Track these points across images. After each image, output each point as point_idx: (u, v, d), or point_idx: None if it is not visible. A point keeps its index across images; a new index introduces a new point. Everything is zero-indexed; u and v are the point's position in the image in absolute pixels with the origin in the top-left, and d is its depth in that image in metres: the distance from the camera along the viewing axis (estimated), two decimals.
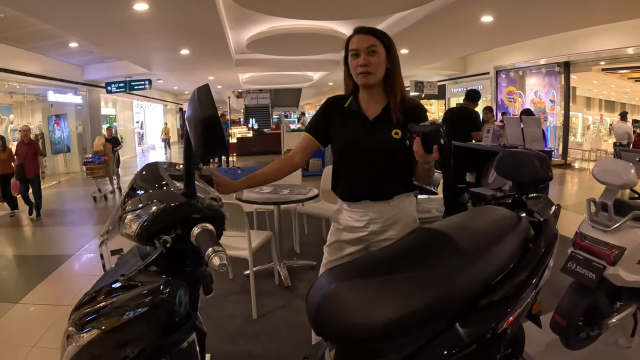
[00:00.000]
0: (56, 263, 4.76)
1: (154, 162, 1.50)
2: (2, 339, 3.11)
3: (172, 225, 1.19)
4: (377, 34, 1.76)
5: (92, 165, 8.79)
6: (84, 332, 1.13)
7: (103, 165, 8.81)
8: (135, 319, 1.14)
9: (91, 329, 1.13)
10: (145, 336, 1.14)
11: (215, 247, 1.07)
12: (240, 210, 3.14)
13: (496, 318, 1.33)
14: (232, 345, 2.85)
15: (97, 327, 1.13)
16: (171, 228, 1.19)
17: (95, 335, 1.12)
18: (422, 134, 1.46)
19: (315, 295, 1.26)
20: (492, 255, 1.37)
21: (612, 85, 13.67)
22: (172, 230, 1.19)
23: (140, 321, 1.14)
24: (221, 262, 1.05)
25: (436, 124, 1.45)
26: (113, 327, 1.13)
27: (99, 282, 1.29)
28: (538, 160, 1.72)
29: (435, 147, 1.44)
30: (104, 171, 8.88)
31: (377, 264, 1.37)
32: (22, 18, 7.37)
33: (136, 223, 1.19)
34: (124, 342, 1.14)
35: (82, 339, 1.13)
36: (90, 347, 1.13)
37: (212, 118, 1.08)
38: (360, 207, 1.86)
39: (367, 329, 1.19)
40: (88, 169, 8.85)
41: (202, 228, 1.15)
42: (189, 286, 1.28)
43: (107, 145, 9.32)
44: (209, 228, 1.17)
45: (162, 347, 1.18)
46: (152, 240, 1.18)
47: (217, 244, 1.10)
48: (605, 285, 2.27)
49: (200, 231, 1.14)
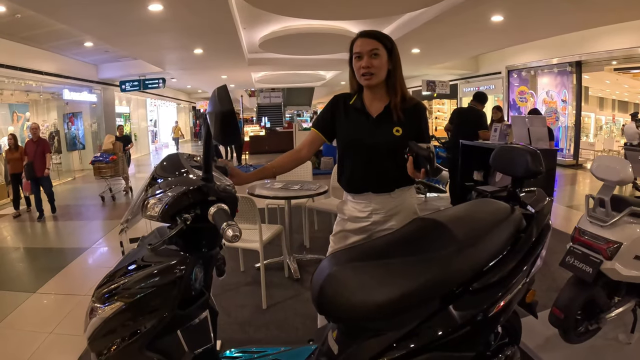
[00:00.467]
0: (72, 256, 4.94)
1: (174, 153, 1.64)
2: (21, 326, 3.25)
3: (192, 206, 1.34)
4: (379, 37, 1.88)
5: (99, 164, 8.41)
6: (106, 305, 1.27)
7: (111, 164, 8.41)
8: (156, 291, 1.28)
9: (114, 302, 1.27)
10: (165, 306, 1.28)
11: (229, 222, 1.22)
12: (252, 204, 3.26)
13: (487, 301, 1.43)
14: (242, 333, 2.98)
15: (120, 300, 1.27)
16: (191, 208, 1.34)
17: (118, 307, 1.26)
18: (415, 155, 1.61)
19: (319, 277, 1.38)
20: (484, 242, 1.47)
21: (625, 86, 13.54)
22: (192, 210, 1.33)
23: (160, 293, 1.28)
24: (234, 234, 1.19)
25: (429, 150, 1.59)
26: (135, 299, 1.27)
27: (121, 262, 1.42)
28: (530, 155, 1.81)
29: (422, 170, 1.59)
30: (112, 171, 8.47)
31: (377, 250, 1.49)
32: (38, 18, 7.55)
33: (160, 204, 1.33)
34: (145, 312, 1.27)
35: (105, 311, 1.27)
36: (113, 318, 1.26)
37: (229, 112, 1.24)
38: (364, 199, 1.99)
39: (365, 308, 1.30)
40: (95, 169, 8.47)
41: (218, 207, 1.30)
42: (204, 266, 1.42)
43: (117, 144, 9.01)
44: (224, 207, 1.32)
45: (178, 318, 1.31)
46: (174, 219, 1.33)
47: (231, 219, 1.25)
48: (603, 279, 2.32)
49: (217, 210, 1.29)
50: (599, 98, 14.14)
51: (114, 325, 1.28)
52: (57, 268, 4.48)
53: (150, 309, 1.28)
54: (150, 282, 1.29)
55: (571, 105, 11.55)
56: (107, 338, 1.30)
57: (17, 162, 7.22)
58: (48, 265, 4.65)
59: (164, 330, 1.30)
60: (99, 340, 1.32)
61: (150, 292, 1.28)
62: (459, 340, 1.40)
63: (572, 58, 10.93)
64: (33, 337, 3.05)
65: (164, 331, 1.30)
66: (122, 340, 1.29)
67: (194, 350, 1.38)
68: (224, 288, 3.71)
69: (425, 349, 1.37)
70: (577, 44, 10.14)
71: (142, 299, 1.27)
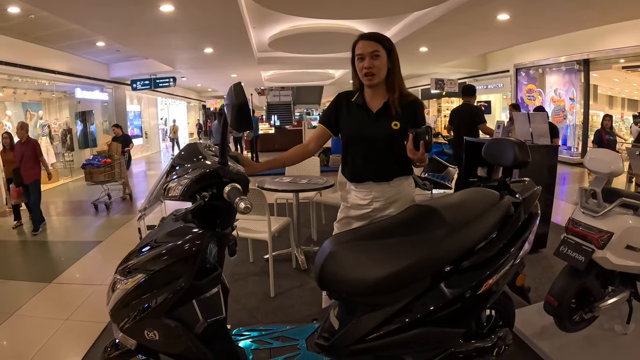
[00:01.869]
0: (87, 248, 5.13)
1: (193, 143, 1.82)
2: (38, 313, 3.41)
3: (210, 186, 1.51)
4: (379, 39, 2.03)
5: (91, 168, 7.35)
6: (128, 278, 1.44)
7: (104, 168, 7.39)
8: (175, 263, 1.45)
9: (137, 274, 1.44)
10: (183, 277, 1.45)
11: (241, 196, 1.41)
12: (262, 196, 3.40)
13: (476, 279, 1.56)
14: (251, 319, 3.13)
15: (141, 272, 1.45)
16: (208, 188, 1.51)
17: (139, 279, 1.44)
18: (415, 132, 1.80)
19: (321, 255, 1.53)
20: (473, 226, 1.61)
21: (634, 84, 13.49)
22: (209, 189, 1.50)
23: (179, 264, 1.45)
24: (246, 205, 1.37)
25: (427, 126, 1.80)
26: (156, 271, 1.44)
27: (142, 241, 1.57)
28: (517, 146, 1.94)
29: (421, 143, 1.78)
30: (106, 175, 7.44)
31: (374, 232, 1.64)
32: (51, 19, 7.74)
33: (180, 187, 1.49)
34: (164, 282, 1.44)
35: (127, 283, 1.44)
36: (134, 290, 1.43)
37: (244, 104, 1.43)
38: (365, 188, 2.14)
39: (362, 284, 1.45)
40: (86, 173, 7.38)
41: (232, 186, 1.48)
42: (217, 243, 1.59)
43: (113, 145, 8.17)
44: (237, 186, 1.49)
45: (194, 289, 1.48)
46: (194, 198, 1.49)
47: (243, 195, 1.44)
48: (596, 269, 2.41)
49: (231, 188, 1.47)
50: (608, 96, 14.08)
51: (135, 295, 1.45)
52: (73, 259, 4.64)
53: (169, 279, 1.45)
54: (170, 255, 1.46)
55: (579, 103, 11.55)
56: (129, 308, 1.46)
57: (13, 164, 6.16)
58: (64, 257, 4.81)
59: (181, 299, 1.46)
60: (120, 311, 1.48)
61: (171, 263, 1.45)
62: (449, 316, 1.53)
63: (580, 56, 10.95)
64: (49, 323, 3.19)
65: (181, 300, 1.47)
66: (143, 309, 1.45)
67: (207, 319, 1.54)
68: (234, 277, 3.86)
69: (419, 324, 1.50)
70: (585, 42, 10.16)
71: (162, 270, 1.44)
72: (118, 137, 8.82)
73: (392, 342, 1.49)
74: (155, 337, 1.47)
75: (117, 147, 8.10)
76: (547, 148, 4.27)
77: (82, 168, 7.58)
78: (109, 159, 7.54)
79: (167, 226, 1.61)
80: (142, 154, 18.16)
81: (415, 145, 1.79)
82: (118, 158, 7.84)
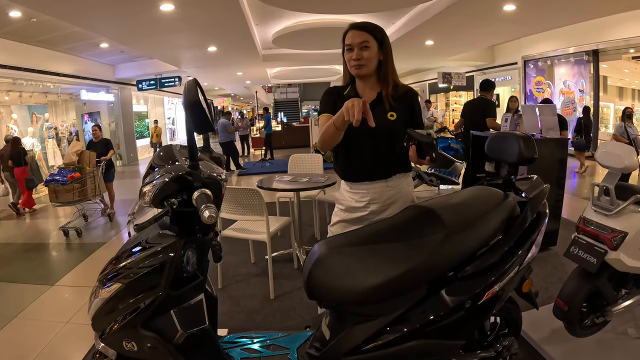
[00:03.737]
0: (90, 249, 5.06)
1: (169, 144, 1.75)
2: (39, 316, 3.38)
3: (179, 192, 1.44)
4: (369, 29, 1.90)
5: (55, 186, 5.60)
6: (106, 287, 1.39)
7: (73, 185, 5.67)
8: (149, 272, 1.39)
9: (113, 283, 1.38)
10: (157, 287, 1.38)
11: (208, 204, 1.31)
12: (259, 197, 3.30)
13: (479, 286, 1.43)
14: (250, 322, 3.04)
15: (118, 281, 1.39)
16: (178, 193, 1.43)
17: (116, 288, 1.38)
18: (417, 142, 1.64)
19: (309, 262, 1.42)
20: (474, 228, 1.48)
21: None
22: (179, 195, 1.43)
23: (153, 274, 1.39)
24: (210, 214, 1.28)
25: (430, 137, 1.62)
26: (132, 280, 1.38)
27: (122, 248, 1.50)
28: (522, 141, 1.81)
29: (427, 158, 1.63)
30: (76, 194, 5.71)
31: (366, 236, 1.52)
32: (54, 22, 7.72)
33: (151, 191, 1.42)
34: (140, 291, 1.38)
35: (105, 292, 1.39)
36: (112, 299, 1.38)
37: (196, 103, 1.34)
38: (361, 189, 2.00)
39: (352, 293, 1.33)
40: (50, 192, 5.65)
41: (201, 192, 1.40)
42: (198, 250, 1.51)
43: (85, 154, 6.23)
44: (207, 192, 1.41)
45: (172, 299, 1.41)
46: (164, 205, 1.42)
47: (210, 202, 1.34)
48: (609, 270, 2.26)
49: (199, 194, 1.39)
50: (618, 87, 13.80)
51: (113, 305, 1.39)
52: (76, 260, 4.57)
53: (145, 289, 1.39)
54: (145, 264, 1.40)
55: (589, 95, 11.33)
56: (108, 317, 1.42)
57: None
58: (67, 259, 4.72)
59: (158, 309, 1.40)
60: (100, 320, 1.44)
61: (145, 273, 1.38)
62: (448, 327, 1.41)
63: (589, 47, 10.72)
64: (50, 326, 3.17)
65: (158, 311, 1.40)
66: (120, 320, 1.40)
67: (187, 330, 1.47)
68: (235, 279, 3.80)
69: (414, 336, 1.39)
70: (594, 32, 9.92)
71: (137, 279, 1.38)
72: (97, 141, 6.93)
73: (386, 355, 1.37)
74: (133, 348, 1.42)
75: (90, 157, 6.23)
76: (556, 141, 4.11)
77: (45, 186, 5.94)
78: (78, 173, 5.84)
79: (145, 233, 1.54)
80: (150, 154, 18.17)
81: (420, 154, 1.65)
82: (91, 171, 6.09)
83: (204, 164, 1.63)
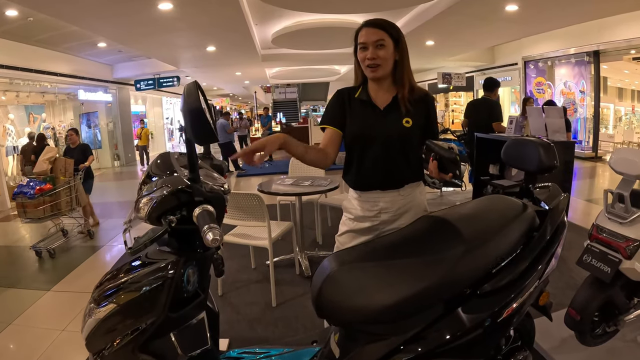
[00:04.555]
0: (86, 254, 4.96)
1: (166, 152, 1.60)
2: (35, 324, 3.27)
3: (178, 207, 1.30)
4: (385, 26, 1.77)
5: (23, 199, 4.76)
6: (101, 306, 1.26)
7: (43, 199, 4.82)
8: (146, 294, 1.26)
9: (108, 304, 1.26)
10: (155, 310, 1.25)
11: (211, 224, 1.17)
12: (260, 202, 3.22)
13: (498, 304, 1.35)
14: (251, 331, 2.95)
15: (113, 302, 1.26)
16: (177, 209, 1.30)
17: (111, 309, 1.25)
18: (439, 157, 1.54)
19: (318, 278, 1.32)
20: (493, 242, 1.39)
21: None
22: (177, 211, 1.30)
23: (150, 296, 1.26)
24: (214, 237, 1.15)
25: (453, 152, 1.52)
26: (127, 301, 1.25)
27: (118, 262, 1.39)
28: (543, 148, 1.71)
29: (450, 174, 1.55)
30: (47, 208, 4.88)
31: (379, 250, 1.42)
32: (51, 21, 7.63)
33: (147, 205, 1.30)
34: (137, 314, 1.25)
35: (100, 312, 1.26)
36: (107, 320, 1.26)
37: (197, 110, 1.20)
38: (371, 197, 1.89)
39: (365, 312, 1.24)
40: (18, 206, 4.83)
41: (203, 209, 1.26)
42: (199, 266, 1.39)
43: (60, 161, 5.33)
44: (209, 209, 1.27)
45: (172, 321, 1.29)
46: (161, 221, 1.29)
47: (213, 222, 1.20)
48: (622, 279, 2.20)
49: (201, 212, 1.25)
50: (618, 88, 13.77)
51: (108, 327, 1.28)
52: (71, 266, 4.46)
53: (142, 312, 1.26)
54: (142, 284, 1.27)
55: (589, 96, 11.28)
56: (103, 339, 1.30)
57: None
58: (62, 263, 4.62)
59: (156, 332, 1.28)
60: (95, 341, 1.33)
61: (141, 294, 1.26)
62: (465, 347, 1.33)
63: (589, 48, 10.66)
64: (45, 334, 3.07)
65: (156, 333, 1.28)
66: (116, 341, 1.28)
67: (188, 352, 1.36)
68: (235, 285, 3.70)
69: (429, 356, 1.31)
70: (595, 33, 9.88)
71: (133, 301, 1.26)
72: (74, 147, 6.09)
73: None
74: None
75: (65, 165, 5.28)
76: (563, 144, 4.04)
77: (13, 199, 5.24)
78: (50, 184, 4.97)
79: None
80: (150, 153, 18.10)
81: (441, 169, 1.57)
82: (67, 181, 5.17)
83: (205, 172, 1.50)
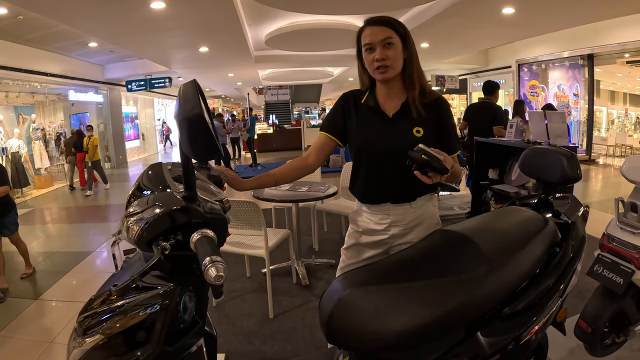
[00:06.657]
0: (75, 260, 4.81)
1: (158, 162, 1.40)
2: (22, 335, 3.14)
3: (172, 231, 1.11)
4: (391, 23, 1.63)
5: None
6: (87, 336, 1.08)
7: None
8: (137, 326, 1.08)
9: (94, 334, 1.08)
10: (147, 344, 1.08)
11: (213, 256, 0.99)
12: (256, 209, 3.10)
13: (520, 327, 1.25)
14: (248, 345, 2.83)
15: (101, 332, 1.08)
16: (171, 233, 1.11)
17: (98, 340, 1.07)
18: (414, 161, 1.38)
19: (329, 302, 1.21)
20: (516, 260, 1.29)
21: (638, 79, 13.22)
22: (171, 236, 1.11)
23: (142, 328, 1.08)
24: (217, 274, 0.96)
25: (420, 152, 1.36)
26: (115, 333, 1.07)
27: (105, 285, 1.24)
28: (566, 158, 1.61)
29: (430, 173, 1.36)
30: None
31: (394, 269, 1.31)
32: (41, 20, 7.48)
33: (136, 227, 1.11)
34: (126, 349, 1.08)
35: (85, 343, 1.08)
36: (94, 351, 1.08)
37: (197, 117, 1.00)
38: (381, 210, 1.76)
39: (381, 339, 1.13)
40: None
41: (202, 235, 1.07)
42: (197, 291, 1.21)
43: None
44: (209, 235, 1.08)
45: (167, 355, 1.12)
46: (152, 247, 1.10)
47: (215, 252, 1.01)
48: (633, 290, 2.15)
49: (200, 238, 1.06)
50: (610, 92, 13.84)
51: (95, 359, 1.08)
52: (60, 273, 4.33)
53: (132, 346, 1.08)
54: (130, 315, 1.08)
55: (583, 99, 11.30)
56: None
57: None
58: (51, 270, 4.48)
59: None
60: None
61: (131, 327, 1.07)
62: None
63: (583, 51, 10.69)
64: (33, 346, 2.97)
65: None
66: None
67: None
68: (230, 295, 3.56)
69: None
70: (589, 36, 9.89)
71: (122, 334, 1.08)
72: None
73: None
74: None
75: None
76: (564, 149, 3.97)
77: None
78: None
79: (134, 268, 1.23)
80: (139, 155, 17.91)
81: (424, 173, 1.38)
82: None
83: (201, 186, 1.29)
